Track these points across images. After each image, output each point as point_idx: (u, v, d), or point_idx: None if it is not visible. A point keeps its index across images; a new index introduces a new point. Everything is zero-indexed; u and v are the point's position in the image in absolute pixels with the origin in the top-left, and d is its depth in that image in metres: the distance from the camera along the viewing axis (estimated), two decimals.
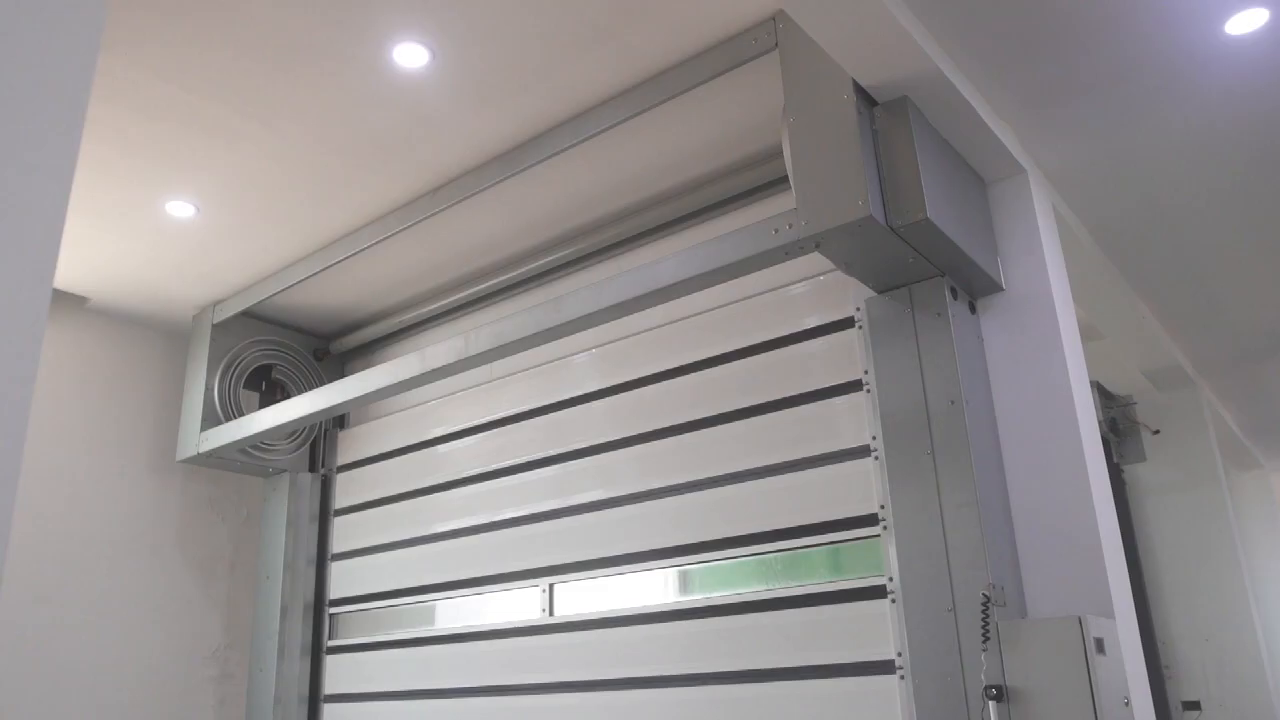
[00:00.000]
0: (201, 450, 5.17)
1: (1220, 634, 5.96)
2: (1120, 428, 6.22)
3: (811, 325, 3.88)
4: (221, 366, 5.33)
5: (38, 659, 4.96)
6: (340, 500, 5.60)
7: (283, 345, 5.63)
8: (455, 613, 4.83)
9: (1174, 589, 6.12)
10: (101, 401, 5.49)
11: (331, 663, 5.35)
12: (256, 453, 5.39)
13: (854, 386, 3.68)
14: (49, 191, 1.27)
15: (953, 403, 3.26)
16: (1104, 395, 6.15)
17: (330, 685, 5.32)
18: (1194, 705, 5.85)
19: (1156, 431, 6.25)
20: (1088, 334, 5.42)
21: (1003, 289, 3.58)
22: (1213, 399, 6.79)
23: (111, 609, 5.29)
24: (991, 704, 2.96)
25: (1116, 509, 3.57)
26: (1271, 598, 8.45)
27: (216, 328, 5.33)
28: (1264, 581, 8.43)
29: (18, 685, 4.86)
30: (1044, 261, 3.55)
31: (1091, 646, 2.94)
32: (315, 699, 5.33)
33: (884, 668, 3.37)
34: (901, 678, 3.30)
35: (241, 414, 5.27)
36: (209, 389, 5.27)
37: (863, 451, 3.60)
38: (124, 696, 5.25)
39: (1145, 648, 3.51)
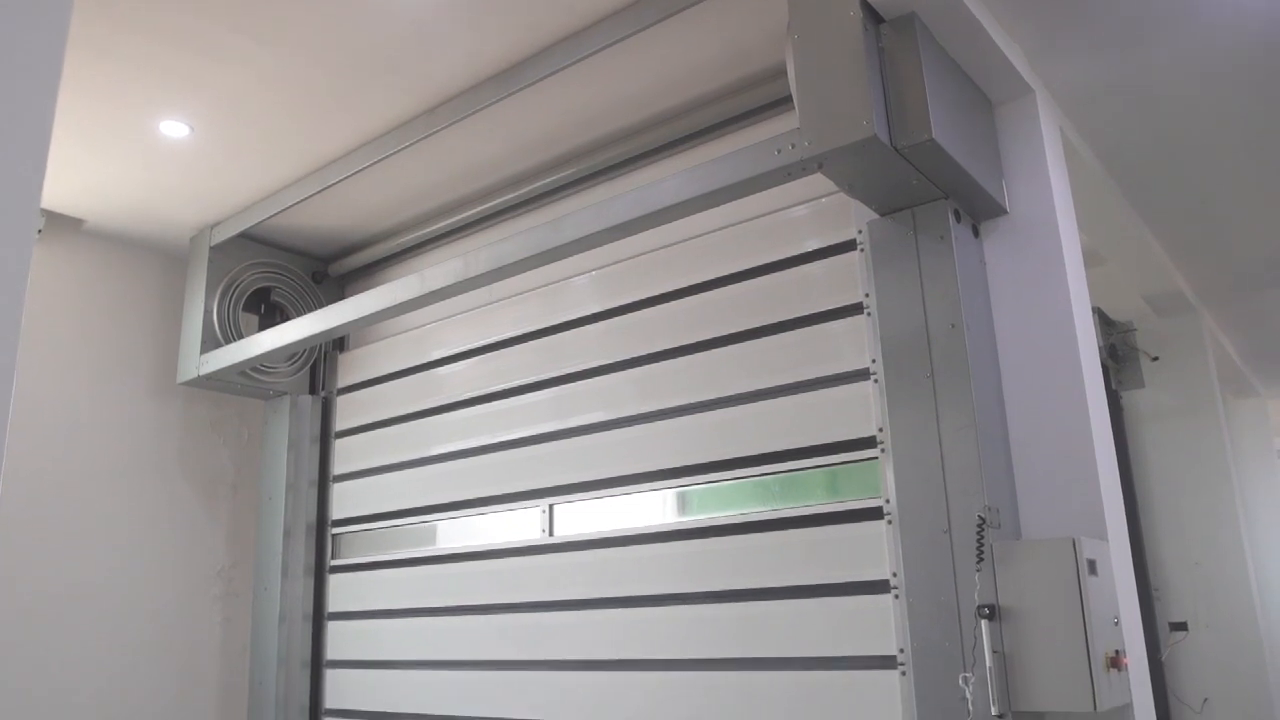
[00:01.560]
0: (202, 373, 5.17)
1: (1210, 558, 6.05)
2: (1119, 354, 6.23)
3: (812, 248, 3.85)
4: (220, 289, 5.31)
5: (44, 581, 5.03)
6: (341, 422, 5.63)
7: (281, 268, 5.60)
8: (456, 533, 4.89)
9: (1166, 513, 6.19)
10: (101, 325, 5.48)
11: (334, 582, 5.44)
12: (257, 375, 5.40)
13: (854, 310, 3.67)
14: (34, 103, 1.24)
15: (953, 326, 3.25)
16: (1104, 321, 6.14)
17: (334, 603, 5.42)
18: (1181, 626, 5.97)
19: (1156, 358, 6.26)
20: (1090, 259, 5.38)
21: (1007, 212, 3.55)
22: (1213, 326, 6.79)
23: (116, 530, 5.36)
24: (984, 622, 3.01)
25: (1113, 434, 3.59)
26: (1262, 524, 8.56)
27: (214, 250, 5.30)
28: (1256, 508, 8.53)
29: (24, 606, 4.94)
30: (1049, 185, 3.51)
31: (1084, 568, 2.99)
32: (319, 616, 5.43)
33: (879, 587, 3.43)
34: (896, 597, 3.35)
35: (241, 336, 5.26)
36: (208, 312, 5.25)
37: (862, 374, 3.61)
38: (131, 615, 5.35)
39: (1135, 570, 3.57)
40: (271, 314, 5.59)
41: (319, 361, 5.76)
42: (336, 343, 5.80)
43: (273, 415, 5.66)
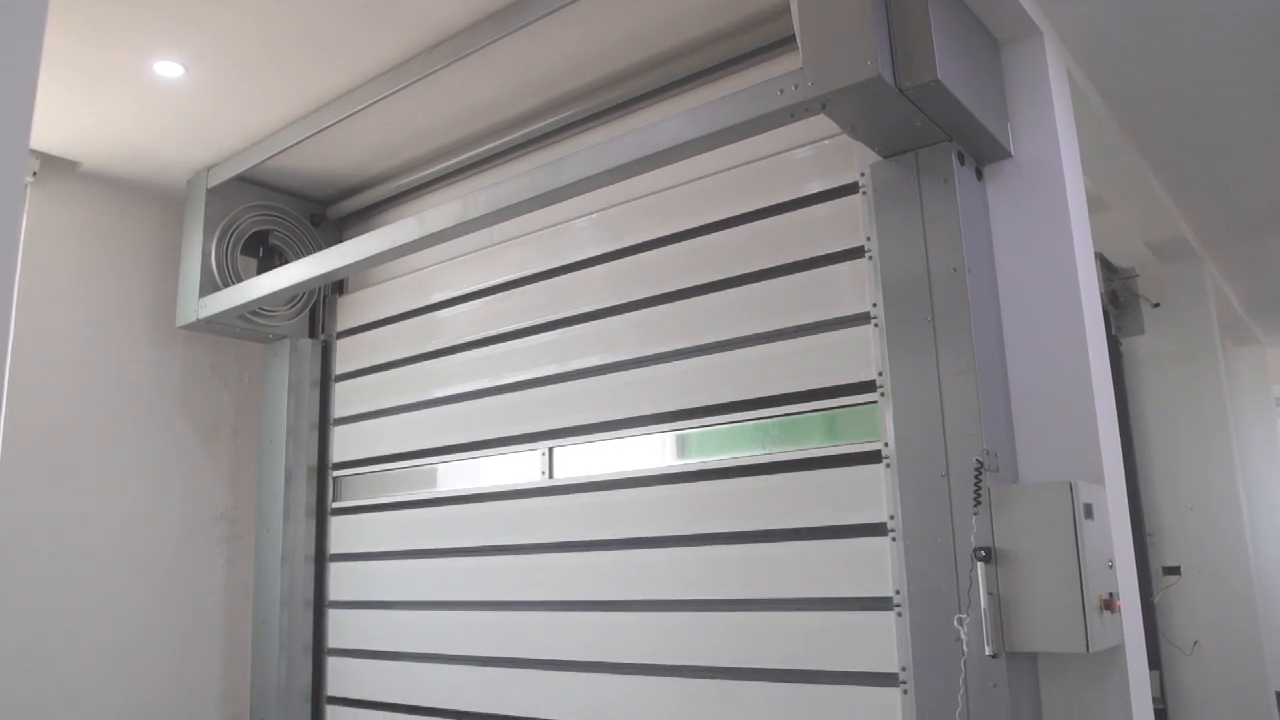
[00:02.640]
0: (201, 316, 5.16)
1: (1204, 503, 6.10)
2: (1120, 300, 6.22)
3: (814, 191, 3.82)
4: (218, 232, 5.28)
5: (47, 525, 5.07)
6: (341, 366, 5.64)
7: (279, 210, 5.57)
8: (456, 475, 4.92)
9: (1162, 459, 6.23)
10: (99, 268, 5.46)
11: (336, 524, 5.49)
12: (256, 319, 5.40)
13: (856, 253, 3.65)
14: (20, 42, 1.22)
15: (955, 270, 3.24)
16: (1106, 267, 6.12)
17: (335, 545, 5.47)
18: (1174, 570, 6.03)
19: (1157, 305, 6.25)
20: (1094, 204, 5.34)
21: (1011, 155, 3.51)
22: (1215, 273, 6.76)
23: (118, 474, 5.39)
24: (980, 565, 3.04)
25: (1112, 380, 3.60)
26: (1257, 471, 8.62)
27: (211, 192, 5.26)
28: (1251, 455, 8.58)
29: (28, 550, 4.99)
30: (1055, 128, 3.47)
31: (1080, 512, 3.01)
32: (321, 558, 5.49)
33: (876, 530, 3.46)
34: (893, 539, 3.38)
35: (239, 280, 5.25)
36: (206, 255, 5.23)
37: (862, 318, 3.60)
38: (135, 557, 5.40)
39: (1130, 514, 3.59)
40: (270, 257, 5.57)
41: (318, 305, 5.75)
42: (336, 286, 5.79)
43: (272, 359, 5.67)
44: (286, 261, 5.33)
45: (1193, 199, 5.60)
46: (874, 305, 3.56)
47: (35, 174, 5.13)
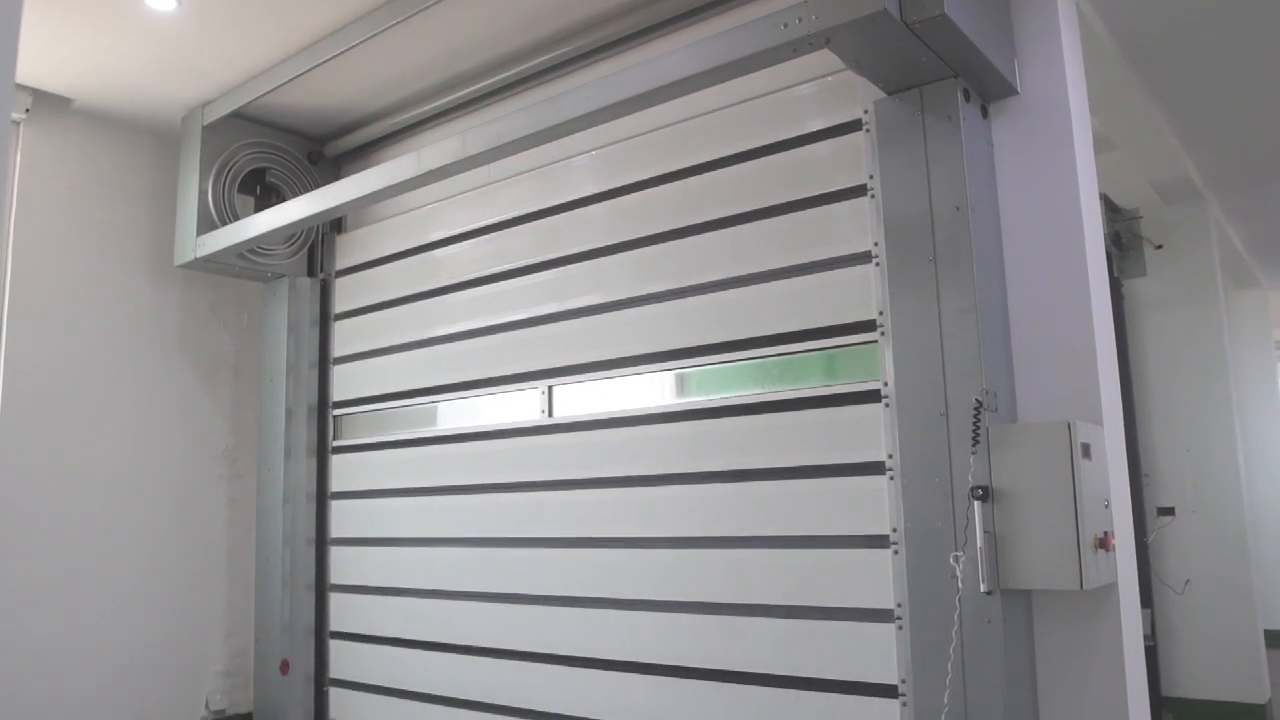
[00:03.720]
0: (199, 255, 5.14)
1: (1200, 445, 6.13)
2: (1123, 241, 6.18)
3: (817, 128, 3.77)
4: (214, 170, 5.23)
5: (49, 466, 5.09)
6: (340, 305, 5.62)
7: (276, 148, 5.51)
8: (456, 414, 4.94)
9: (1160, 400, 6.25)
10: (95, 207, 5.41)
11: (337, 462, 5.52)
12: (254, 257, 5.37)
13: (858, 191, 3.62)
14: None
15: (958, 209, 3.21)
16: (1110, 208, 6.08)
17: (336, 483, 5.51)
18: (1168, 511, 6.08)
19: (1160, 246, 6.21)
20: (1099, 144, 5.27)
21: (1017, 93, 3.46)
22: (1220, 215, 6.72)
23: (119, 414, 5.40)
24: (977, 503, 3.06)
25: (1113, 322, 3.58)
26: (1254, 414, 8.65)
27: (207, 129, 5.19)
28: (1249, 398, 8.61)
29: (31, 490, 5.02)
30: (1063, 65, 3.41)
31: (1078, 451, 3.02)
32: (322, 496, 5.53)
33: (874, 469, 3.47)
34: (891, 478, 3.40)
35: (237, 218, 5.21)
36: (203, 193, 5.18)
37: (864, 257, 3.58)
38: (138, 496, 5.44)
39: (1127, 455, 3.61)
40: (267, 195, 5.52)
41: (317, 244, 5.71)
42: (334, 224, 5.75)
43: (271, 298, 5.65)
44: (284, 200, 5.28)
45: (1200, 139, 5.54)
46: (875, 244, 3.54)
47: (27, 111, 5.07)
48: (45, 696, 4.94)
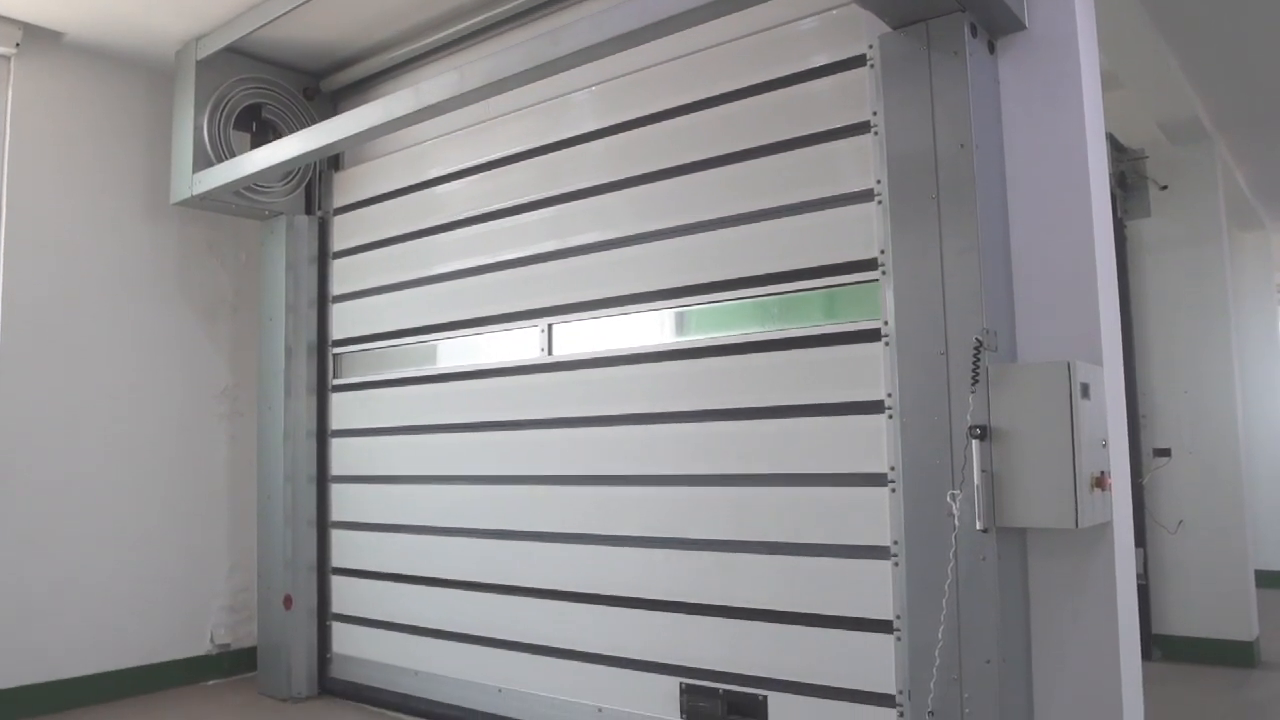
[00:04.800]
0: (195, 192, 5.09)
1: (1199, 387, 6.13)
2: (1128, 182, 6.12)
3: (820, 64, 3.71)
4: (209, 106, 5.16)
5: (51, 405, 5.10)
6: (338, 243, 5.59)
7: (271, 83, 5.43)
8: (456, 352, 4.94)
9: (1160, 342, 6.24)
10: (89, 143, 5.35)
11: (337, 400, 5.53)
12: (251, 195, 5.32)
13: (861, 128, 3.58)
14: None
15: (962, 146, 3.17)
16: (1115, 148, 6.01)
17: (336, 421, 5.53)
18: (1164, 452, 6.11)
19: (1164, 187, 6.16)
20: (1107, 82, 5.19)
21: (1025, 28, 3.39)
22: (1226, 156, 6.64)
23: (118, 353, 5.40)
24: (975, 442, 3.07)
25: (1115, 263, 3.56)
26: (1254, 356, 8.65)
27: (201, 64, 5.12)
28: (1249, 341, 8.60)
29: (34, 430, 5.03)
30: (1073, 1, 3.34)
31: (1077, 391, 3.02)
32: (323, 434, 5.55)
33: (874, 407, 3.48)
34: (890, 417, 3.41)
35: (233, 155, 5.15)
36: (198, 129, 5.12)
37: (866, 195, 3.55)
38: (139, 434, 5.46)
39: (1125, 396, 3.61)
40: (263, 132, 5.46)
41: (314, 181, 5.66)
42: (331, 161, 5.69)
43: (269, 236, 5.61)
44: (280, 136, 5.22)
45: (1210, 77, 5.45)
46: (878, 182, 3.50)
47: (18, 45, 4.98)
48: (52, 634, 5.02)
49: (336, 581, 5.46)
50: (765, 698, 3.70)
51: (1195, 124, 5.90)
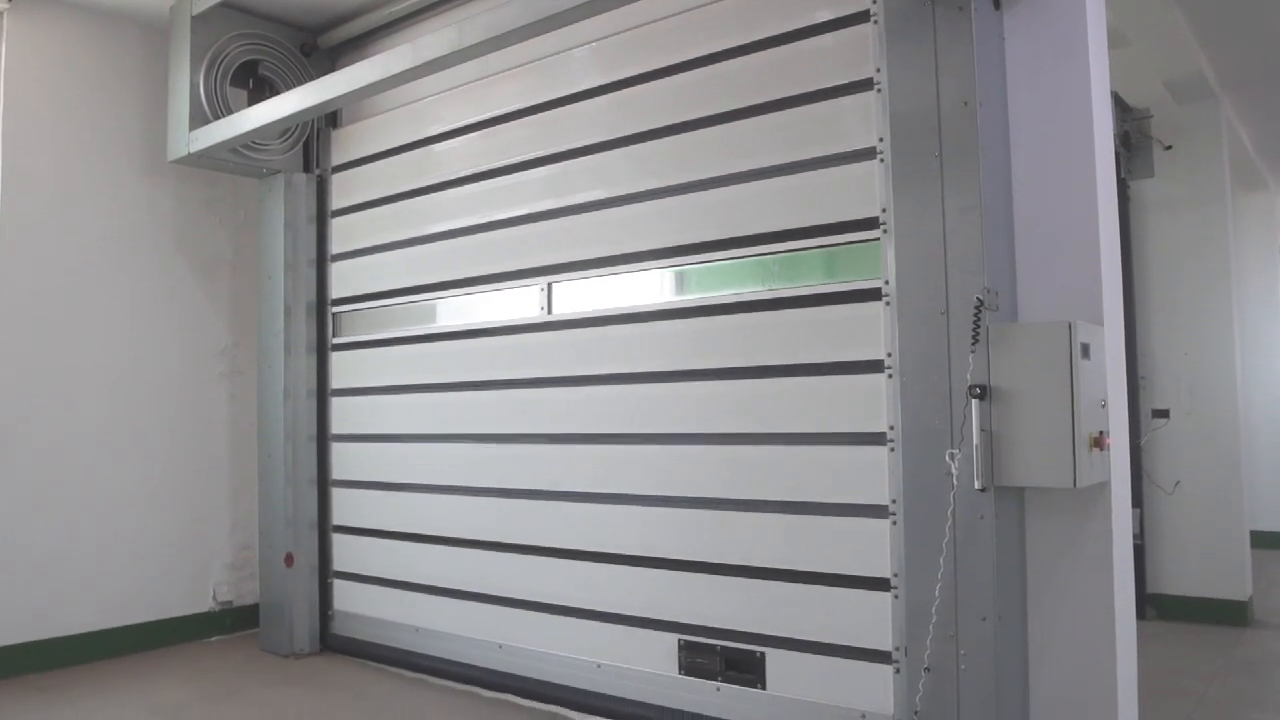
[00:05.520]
0: (192, 150, 5.06)
1: (1199, 349, 6.13)
2: (1132, 141, 6.08)
3: (823, 20, 3.66)
4: (205, 62, 5.10)
5: (50, 362, 5.10)
6: (337, 201, 5.56)
7: (267, 39, 5.36)
8: (456, 311, 4.93)
9: (1161, 304, 6.23)
10: (84, 101, 5.30)
11: (336, 359, 5.53)
12: (248, 153, 5.28)
13: (864, 86, 3.54)
14: None
15: (966, 104, 3.14)
16: (1120, 107, 5.96)
17: (336, 380, 5.53)
18: (1163, 413, 6.13)
19: (1169, 147, 6.11)
20: (1112, 40, 5.13)
21: None
22: (1231, 115, 6.58)
23: (117, 312, 5.39)
24: (974, 402, 3.07)
25: (1118, 223, 3.54)
26: (1255, 319, 8.65)
27: (196, 19, 5.05)
28: (1251, 303, 8.59)
29: (34, 390, 5.03)
30: None
31: (1078, 351, 3.02)
32: (323, 392, 5.56)
33: (873, 366, 3.48)
34: (890, 376, 3.41)
35: (229, 112, 5.11)
36: (194, 86, 5.07)
37: (868, 154, 3.52)
38: (139, 393, 5.46)
39: (1125, 357, 3.61)
40: (260, 89, 5.40)
41: (312, 139, 5.62)
42: (329, 119, 5.64)
43: (267, 194, 5.58)
44: (277, 93, 5.17)
45: (1217, 34, 5.38)
46: (880, 140, 3.47)
47: (9, 0, 4.92)
48: (56, 592, 5.06)
49: (337, 539, 5.49)
50: (763, 654, 3.74)
51: (1201, 82, 5.85)
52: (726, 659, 3.84)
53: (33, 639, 4.94)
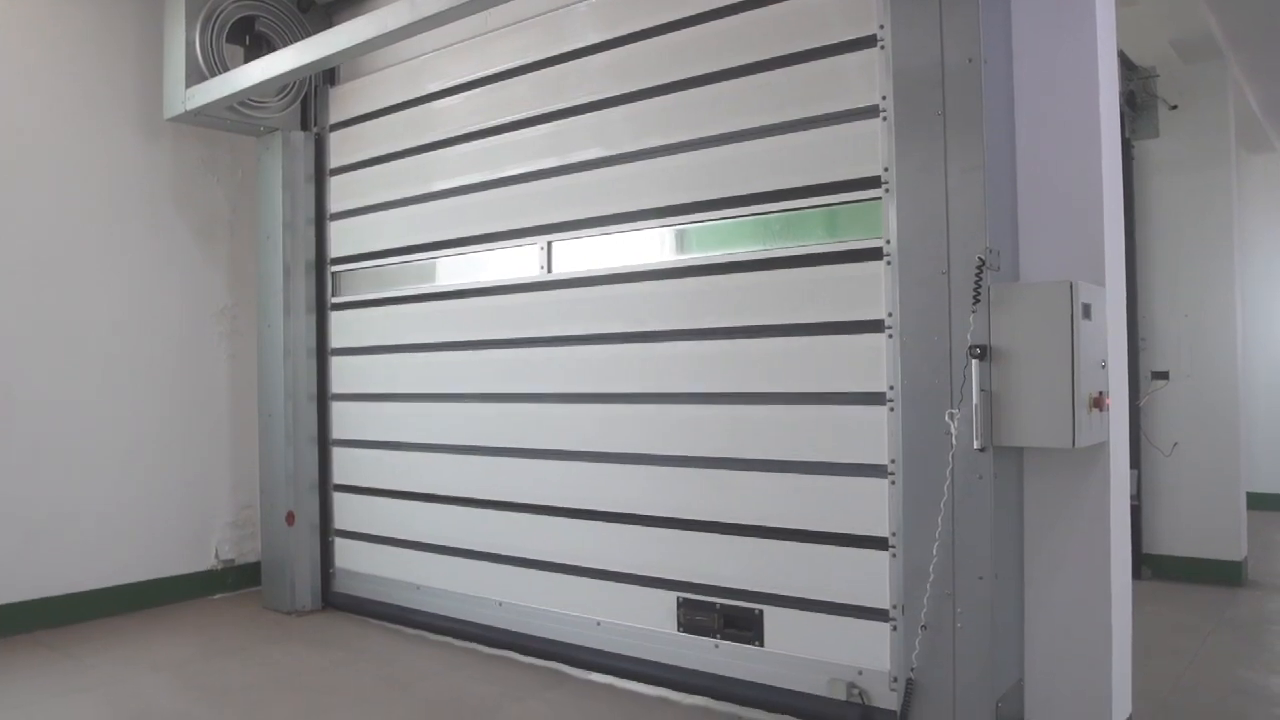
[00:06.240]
0: (188, 108, 5.01)
1: (1200, 311, 6.12)
2: (1137, 101, 6.02)
3: None
4: (201, 18, 5.05)
5: (50, 323, 5.09)
6: (335, 159, 5.52)
7: None
8: (455, 270, 4.91)
9: (1163, 265, 6.21)
10: (79, 58, 5.23)
11: (336, 318, 5.52)
12: (246, 110, 5.24)
13: (867, 42, 3.49)
14: None
15: (970, 61, 3.11)
16: (1126, 65, 5.89)
17: (336, 340, 5.52)
18: (1163, 375, 6.13)
19: (1174, 107, 6.05)
20: None
21: None
22: (1238, 74, 6.52)
23: (116, 271, 5.37)
24: (975, 362, 3.07)
25: (1122, 184, 3.52)
26: (1257, 281, 8.63)
27: None
28: (1253, 265, 8.57)
29: (34, 350, 5.02)
30: None
31: (1079, 311, 3.02)
32: (322, 352, 5.55)
33: (874, 326, 3.47)
34: (890, 336, 3.40)
35: (226, 69, 5.06)
36: (190, 43, 5.02)
37: (871, 112, 3.48)
38: (139, 353, 5.46)
39: (1126, 318, 3.61)
40: (257, 45, 5.35)
41: (310, 96, 5.56)
42: (327, 76, 5.58)
43: (265, 153, 5.54)
44: (274, 50, 5.11)
45: None
46: (884, 98, 3.43)
47: None
48: (59, 550, 5.09)
49: (338, 498, 5.52)
50: (761, 612, 3.77)
51: (1209, 40, 5.78)
52: (725, 617, 3.87)
53: (38, 596, 4.98)
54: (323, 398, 5.55)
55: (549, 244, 4.46)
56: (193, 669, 4.39)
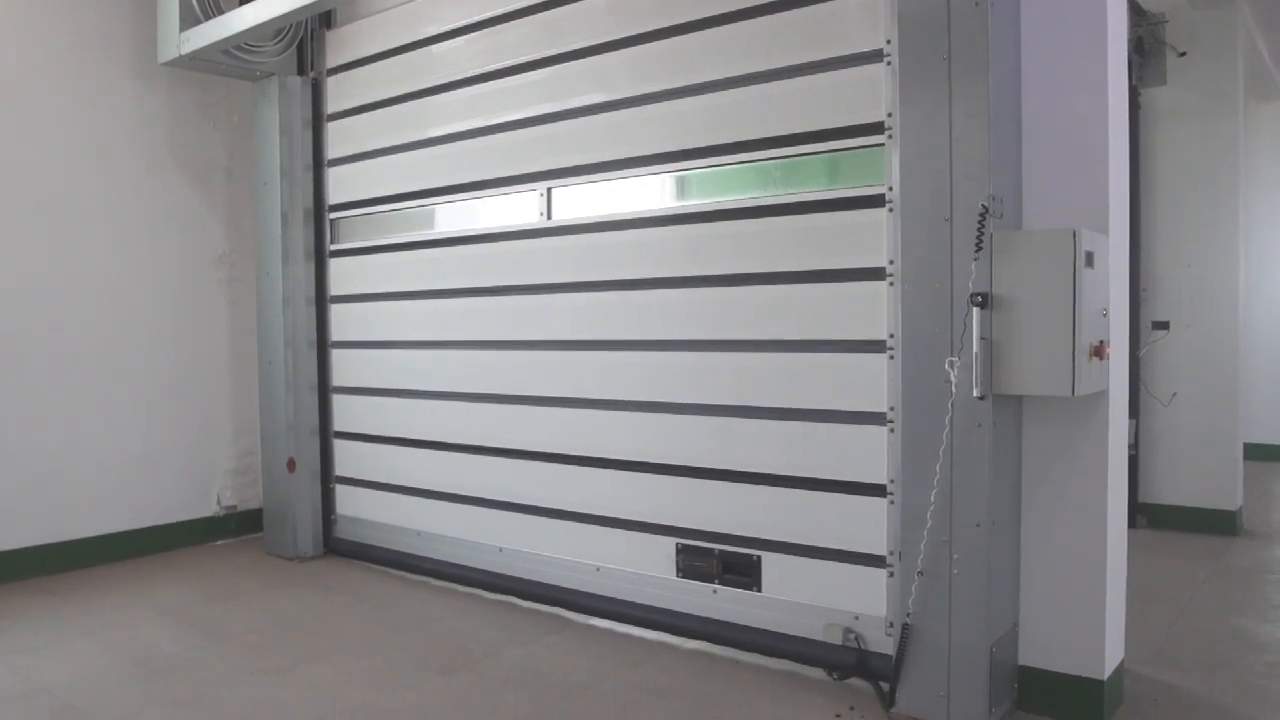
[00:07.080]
0: (183, 51, 4.95)
1: (1202, 262, 6.09)
2: (1145, 48, 5.93)
3: None
4: None
5: (48, 271, 5.07)
6: (333, 105, 5.45)
7: None
8: (455, 216, 4.88)
9: (1166, 215, 6.17)
10: (70, 2, 5.15)
11: (335, 265, 5.50)
12: (241, 54, 5.17)
13: None
14: None
15: (977, 4, 3.05)
16: (1134, 10, 5.80)
17: (335, 287, 5.51)
18: (1163, 325, 6.12)
19: (1183, 54, 5.97)
20: None
21: None
22: (1249, 21, 6.41)
23: (111, 219, 5.33)
24: (976, 310, 3.06)
25: (1128, 132, 3.48)
26: (1261, 232, 8.57)
27: None
28: (1257, 217, 8.51)
29: (29, 302, 5.00)
30: None
31: (1081, 259, 3.00)
32: (322, 300, 5.54)
33: (875, 274, 3.45)
34: (891, 284, 3.38)
35: (220, 12, 4.98)
36: None
37: (874, 56, 3.43)
38: (138, 301, 5.45)
39: (1129, 267, 3.59)
40: None
41: (306, 40, 5.48)
42: (324, 19, 5.49)
43: (261, 98, 5.47)
44: None
45: None
46: (888, 42, 3.38)
47: None
48: (62, 497, 5.12)
49: (339, 445, 5.54)
50: (759, 557, 3.80)
51: None
52: (724, 562, 3.91)
53: (40, 543, 5.02)
54: (322, 345, 5.55)
55: (549, 190, 4.43)
56: (195, 613, 4.44)
